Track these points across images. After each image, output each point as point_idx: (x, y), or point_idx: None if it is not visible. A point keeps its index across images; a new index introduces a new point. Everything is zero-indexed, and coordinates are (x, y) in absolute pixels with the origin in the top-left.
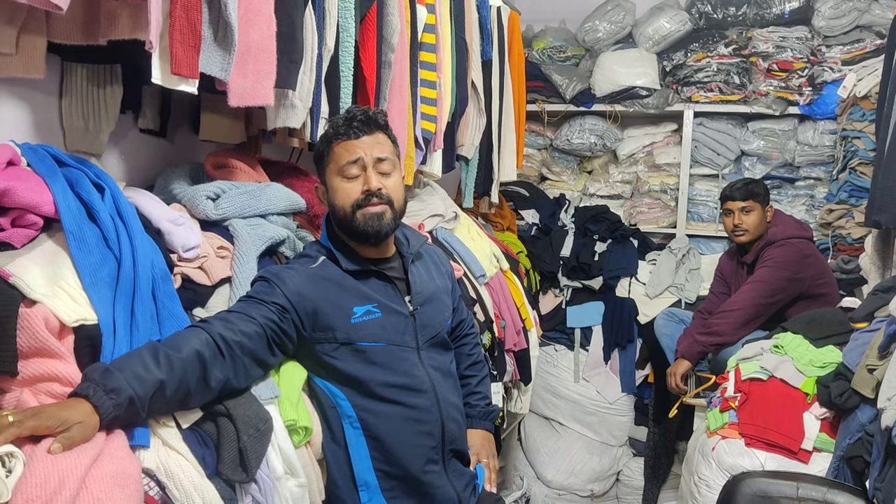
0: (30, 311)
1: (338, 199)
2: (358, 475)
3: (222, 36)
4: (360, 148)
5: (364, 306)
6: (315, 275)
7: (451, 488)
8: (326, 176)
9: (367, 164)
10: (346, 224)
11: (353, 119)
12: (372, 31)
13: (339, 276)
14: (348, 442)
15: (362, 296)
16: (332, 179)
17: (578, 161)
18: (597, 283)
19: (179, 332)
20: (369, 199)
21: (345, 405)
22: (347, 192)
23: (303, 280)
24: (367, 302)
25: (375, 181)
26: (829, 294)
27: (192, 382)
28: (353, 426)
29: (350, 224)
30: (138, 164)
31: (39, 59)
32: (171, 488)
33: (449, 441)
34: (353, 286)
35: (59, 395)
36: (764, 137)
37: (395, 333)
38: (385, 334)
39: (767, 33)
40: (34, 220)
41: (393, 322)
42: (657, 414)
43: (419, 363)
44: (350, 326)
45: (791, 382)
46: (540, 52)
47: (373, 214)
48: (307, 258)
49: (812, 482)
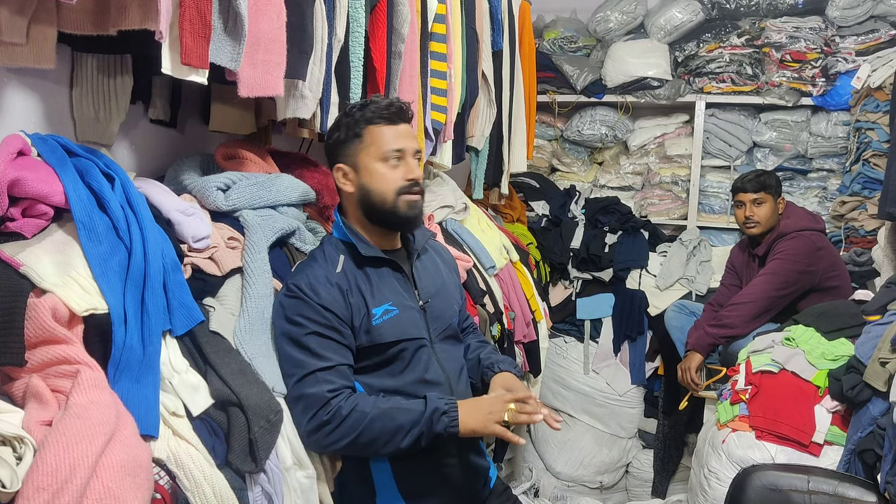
0: (37, 301)
1: (379, 184)
2: (373, 467)
3: (232, 26)
4: (402, 137)
5: (382, 306)
6: (341, 284)
7: (467, 483)
8: (359, 158)
9: (409, 154)
10: (382, 209)
11: (392, 106)
12: (382, 20)
13: (359, 275)
14: None
15: (380, 296)
16: (370, 163)
17: (589, 152)
18: (607, 274)
19: (363, 399)
20: (412, 187)
21: None
22: (391, 178)
23: (338, 296)
24: (385, 301)
25: (418, 170)
26: (841, 287)
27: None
28: None
29: (391, 209)
30: (148, 154)
31: (50, 50)
32: (181, 477)
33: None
34: (371, 285)
35: (69, 375)
36: (776, 129)
37: (412, 328)
38: (403, 330)
39: (781, 23)
40: (45, 210)
41: (409, 317)
42: (667, 406)
43: (433, 356)
44: (372, 327)
45: (802, 375)
46: (551, 42)
47: (414, 202)
48: (329, 263)
49: (823, 475)
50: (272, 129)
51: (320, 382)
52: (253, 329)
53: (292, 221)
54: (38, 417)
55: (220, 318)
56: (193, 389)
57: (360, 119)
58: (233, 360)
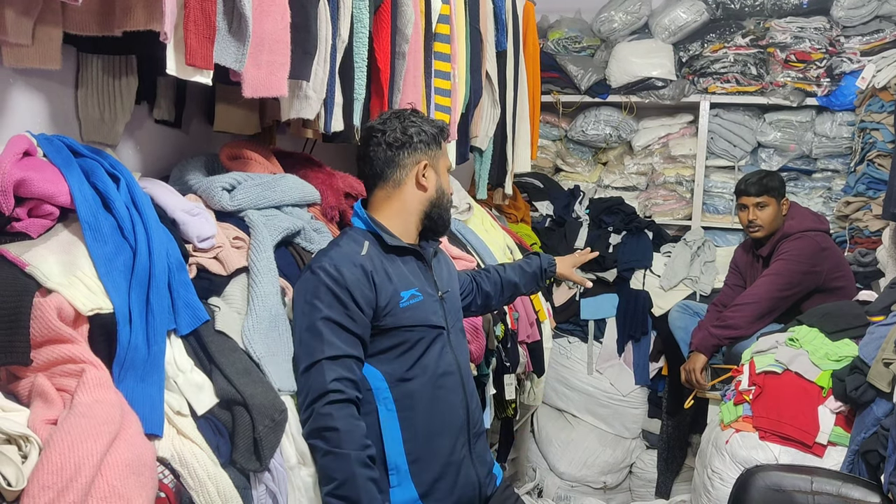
0: (43, 300)
1: (447, 187)
2: (389, 458)
3: (236, 27)
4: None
5: (409, 290)
6: (366, 265)
7: (474, 472)
8: (439, 163)
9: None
10: (446, 214)
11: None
12: (386, 21)
13: (385, 259)
14: (382, 425)
15: (406, 280)
16: (443, 171)
17: (593, 152)
18: (611, 275)
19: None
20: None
21: (381, 386)
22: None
23: (361, 276)
24: (411, 287)
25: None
26: (845, 287)
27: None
28: (388, 408)
29: (445, 209)
30: (153, 154)
31: (55, 50)
32: (186, 476)
33: (473, 424)
34: (396, 269)
35: (75, 374)
36: (781, 129)
37: (434, 316)
38: (426, 316)
39: (785, 23)
40: (50, 211)
41: (431, 305)
42: (671, 406)
43: (448, 345)
44: (399, 311)
45: (806, 376)
46: (555, 42)
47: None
48: (354, 244)
49: (826, 476)
50: (276, 130)
51: (325, 371)
52: (260, 328)
53: (297, 221)
54: (44, 416)
55: (226, 317)
56: (198, 388)
57: (438, 132)
58: (238, 359)
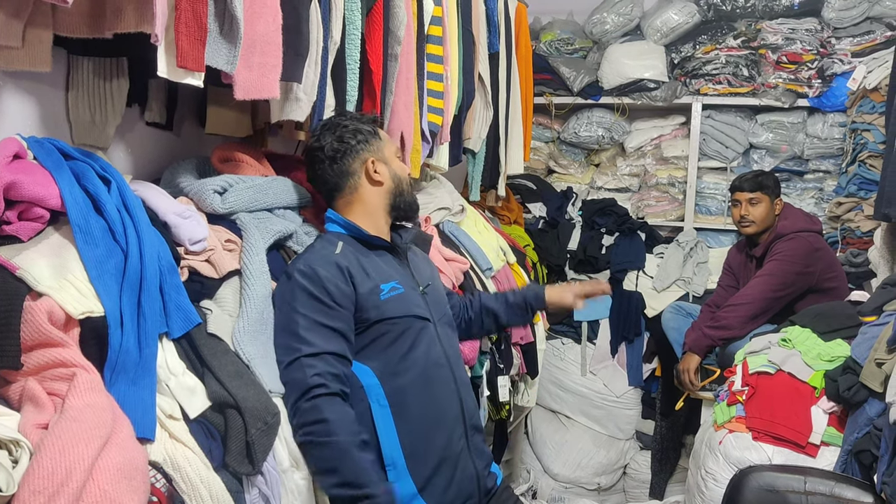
0: (33, 304)
1: (401, 171)
2: (385, 454)
3: (228, 29)
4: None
5: (389, 283)
6: (340, 262)
7: (473, 465)
8: (384, 153)
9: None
10: (409, 197)
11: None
12: (378, 23)
13: (360, 255)
14: (376, 422)
15: (385, 274)
16: (392, 157)
17: (586, 154)
18: (604, 276)
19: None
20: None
21: (372, 383)
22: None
23: (336, 273)
24: (391, 279)
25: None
26: (838, 288)
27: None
28: (381, 404)
29: (408, 192)
30: (145, 157)
31: (45, 53)
32: (178, 480)
33: (469, 416)
34: (374, 263)
35: (66, 378)
36: (773, 130)
37: (417, 307)
38: (408, 307)
39: (777, 25)
40: (41, 214)
41: (413, 297)
42: (664, 407)
43: (437, 338)
44: (380, 303)
45: (799, 376)
46: (547, 44)
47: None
48: (328, 244)
49: (820, 476)
50: (268, 132)
51: (304, 367)
52: (252, 330)
53: (289, 224)
54: (35, 420)
55: (218, 320)
56: (190, 392)
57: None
58: (230, 362)
